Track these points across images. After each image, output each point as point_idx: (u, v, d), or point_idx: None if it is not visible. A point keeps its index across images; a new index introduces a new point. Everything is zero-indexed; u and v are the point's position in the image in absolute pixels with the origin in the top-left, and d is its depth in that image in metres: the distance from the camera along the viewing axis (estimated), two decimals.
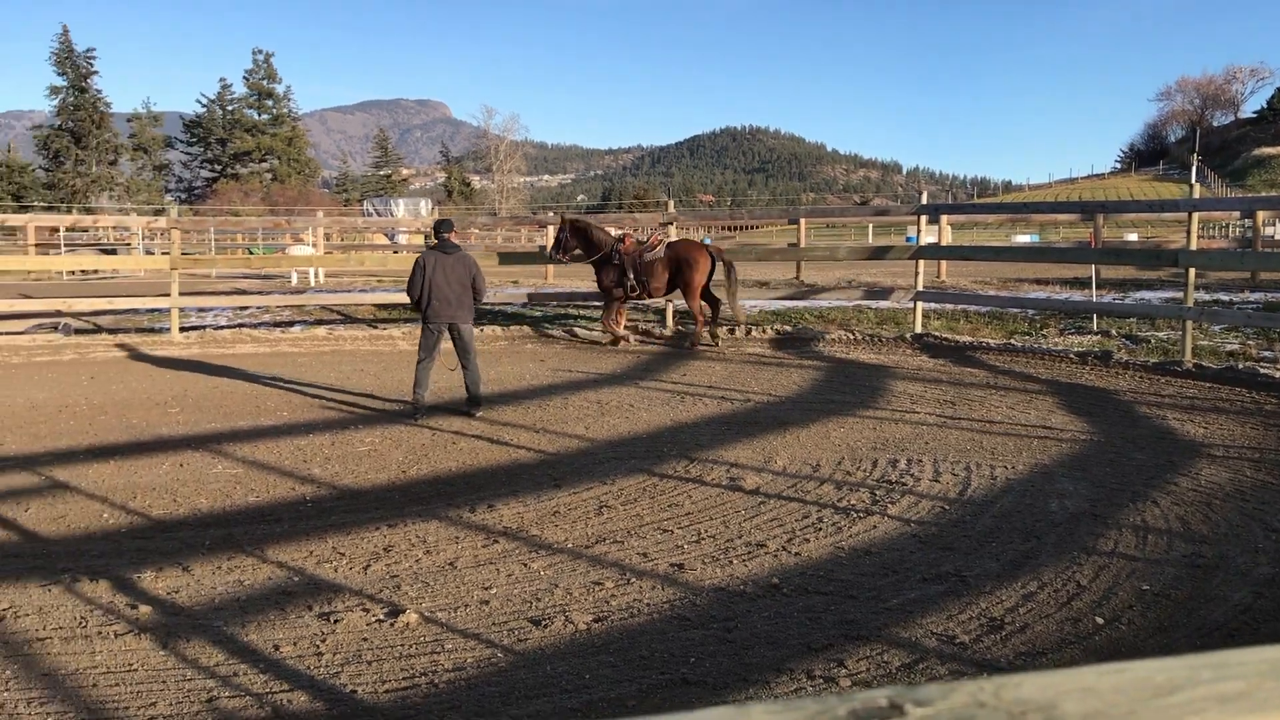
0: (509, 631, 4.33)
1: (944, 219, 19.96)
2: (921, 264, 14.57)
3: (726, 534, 5.63)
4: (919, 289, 14.37)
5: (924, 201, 15.68)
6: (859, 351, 13.21)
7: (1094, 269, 16.47)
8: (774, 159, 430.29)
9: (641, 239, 14.66)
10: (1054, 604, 4.54)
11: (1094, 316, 14.31)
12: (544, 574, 5.04)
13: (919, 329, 13.92)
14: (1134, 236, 43.59)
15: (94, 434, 8.72)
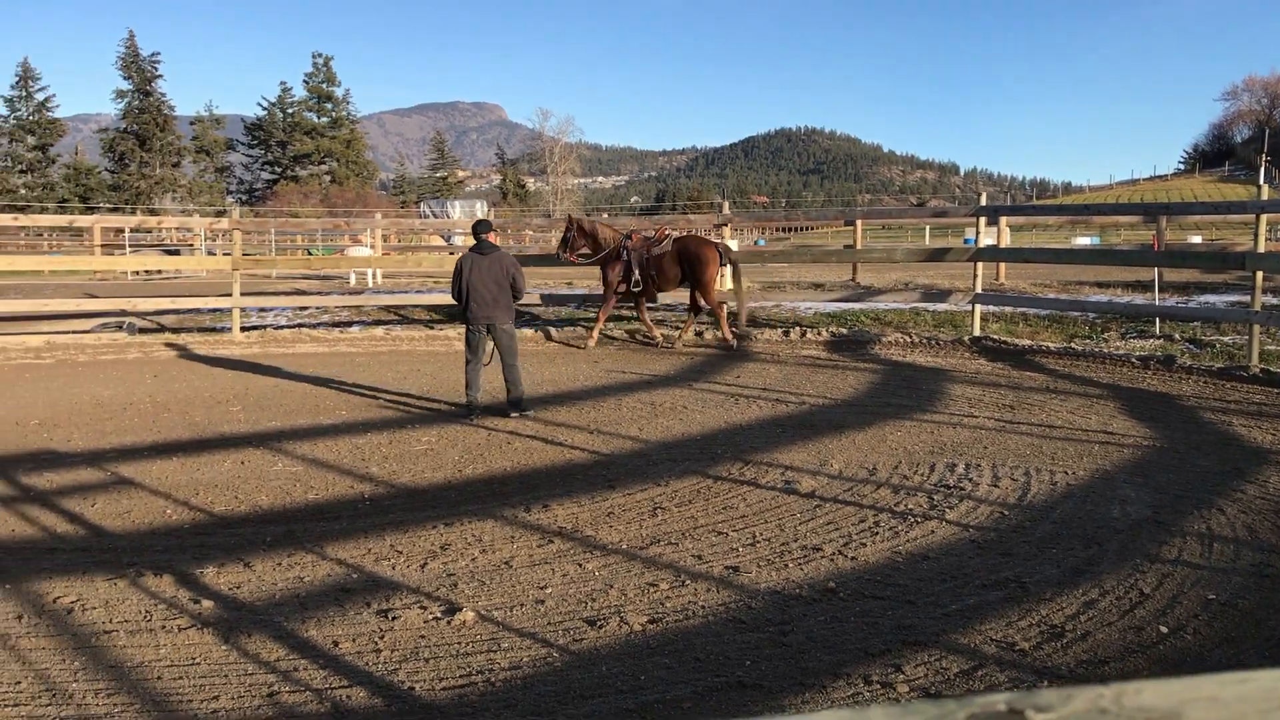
0: (564, 631, 4.35)
1: (1003, 221, 19.73)
2: (980, 266, 14.41)
3: (782, 537, 5.60)
4: (977, 291, 14.20)
5: (983, 203, 15.48)
6: (916, 354, 13.08)
7: (1157, 272, 16.15)
8: (829, 160, 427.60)
9: (649, 235, 14.60)
10: (1116, 612, 4.46)
11: (1157, 320, 14.05)
12: (599, 574, 5.06)
13: (977, 332, 13.76)
14: (1198, 239, 42.69)
15: (157, 431, 8.89)
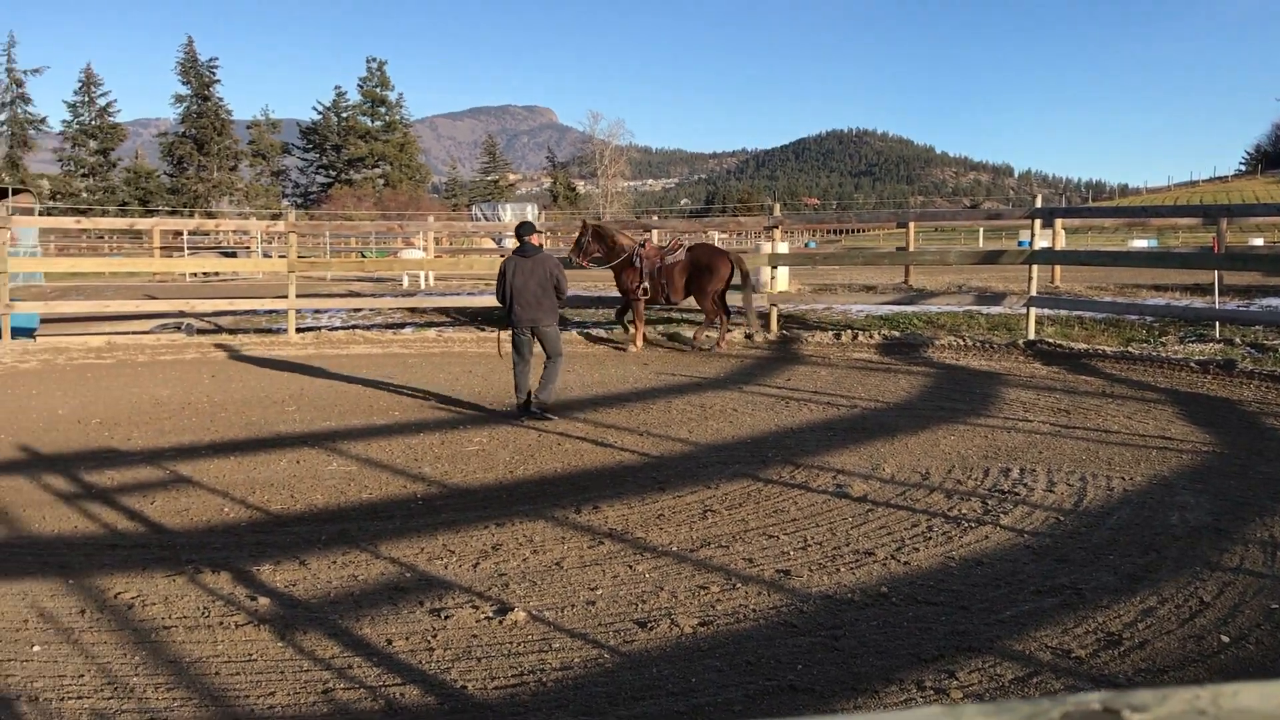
0: (615, 633, 4.36)
1: (1058, 223, 19.43)
2: (1035, 269, 14.23)
3: (833, 541, 5.58)
4: (1032, 294, 14.02)
5: (1038, 205, 15.31)
6: (969, 358, 12.95)
7: (1217, 275, 15.84)
8: (881, 162, 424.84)
9: (663, 244, 14.87)
10: (1175, 620, 4.38)
11: (1216, 324, 13.77)
12: (649, 576, 5.06)
13: (1032, 335, 13.59)
14: (1260, 242, 41.80)
15: (215, 430, 9.04)
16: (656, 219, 39.23)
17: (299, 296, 16.46)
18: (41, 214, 41.95)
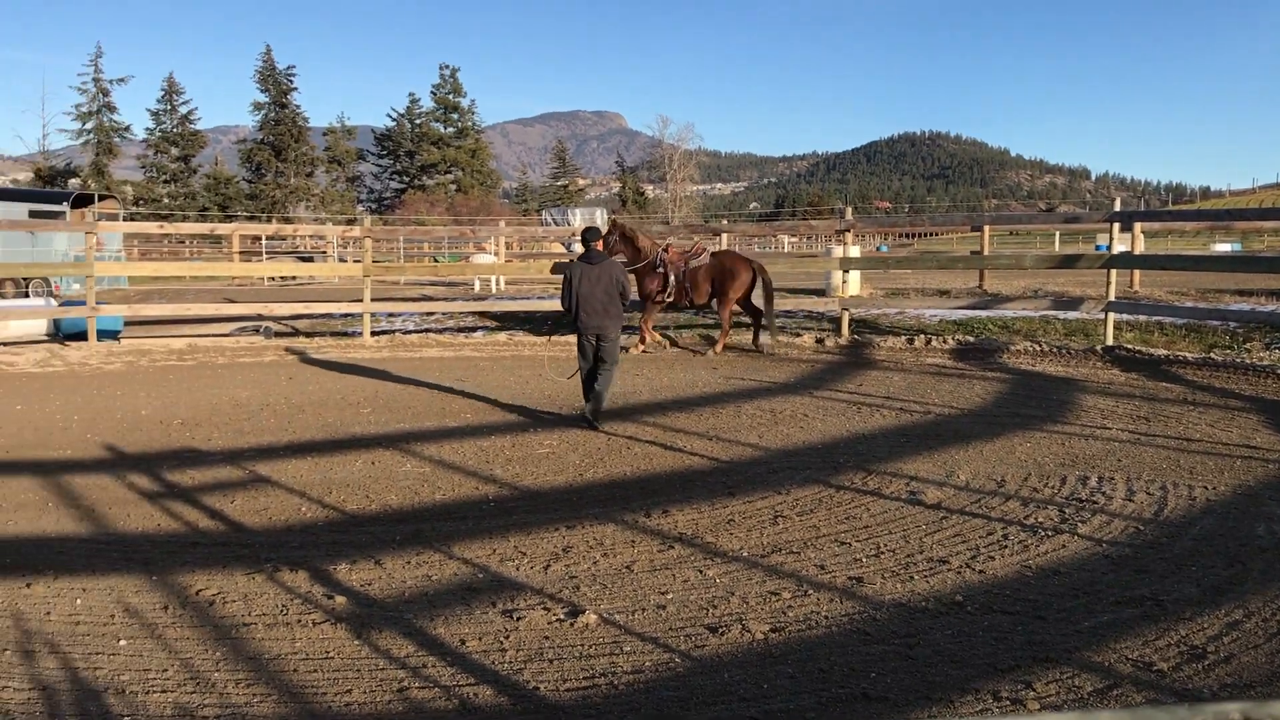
0: (686, 637, 4.35)
1: (1137, 227, 19.00)
2: (1114, 273, 13.93)
3: (907, 548, 5.51)
4: (1110, 299, 13.73)
5: (1116, 208, 14.97)
6: (1046, 364, 12.72)
7: None
8: (954, 165, 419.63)
9: (686, 248, 15.04)
10: (1262, 634, 4.26)
11: None
12: (719, 581, 5.05)
13: (1110, 341, 13.31)
14: None
15: (292, 431, 9.21)
16: (725, 223, 39.05)
17: (374, 300, 16.73)
18: (125, 219, 43.09)
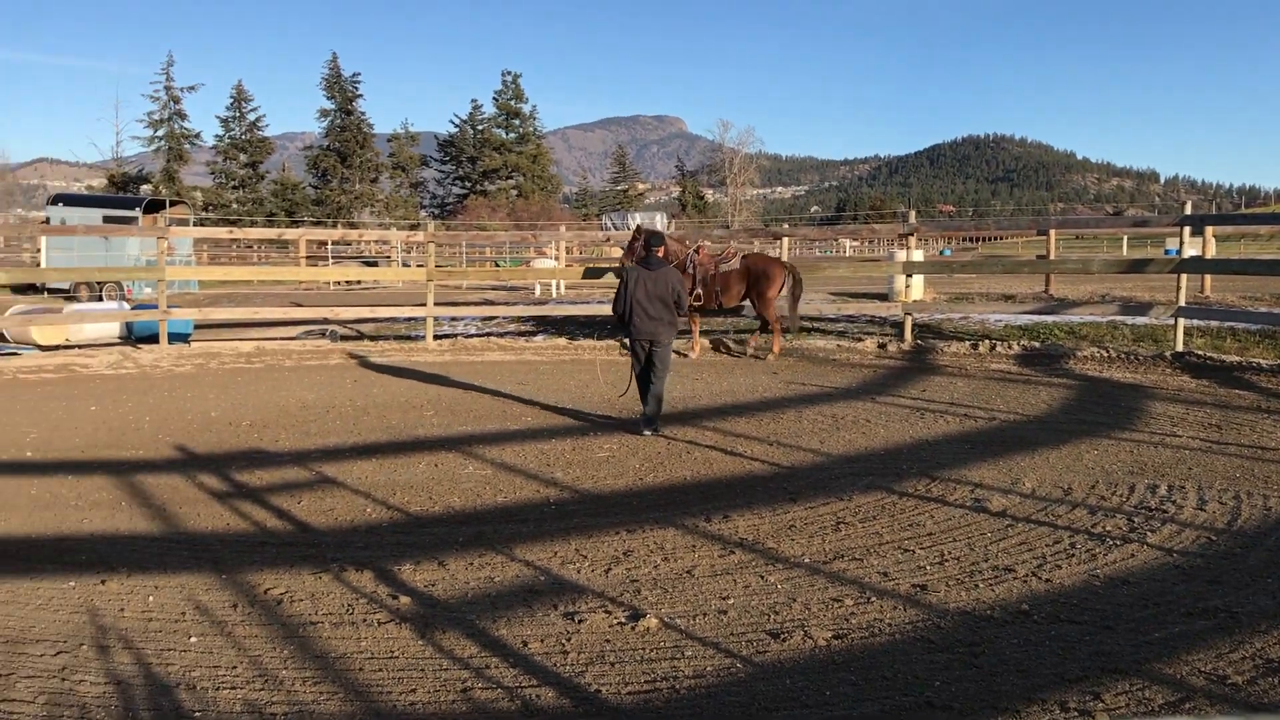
0: (747, 642, 4.34)
1: (1208, 230, 18.57)
2: (1184, 278, 13.65)
3: (971, 556, 5.44)
4: (1181, 304, 13.45)
5: (1187, 212, 14.66)
6: (1113, 370, 12.49)
7: None
8: (1019, 168, 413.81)
9: (715, 251, 15.11)
10: None
11: None
12: (781, 587, 5.03)
13: (1180, 347, 13.03)
14: None
15: (357, 433, 9.34)
16: (786, 226, 38.86)
17: (437, 304, 16.90)
18: (195, 225, 44.01)
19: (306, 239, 37.79)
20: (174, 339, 15.76)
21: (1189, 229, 14.82)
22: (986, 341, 14.44)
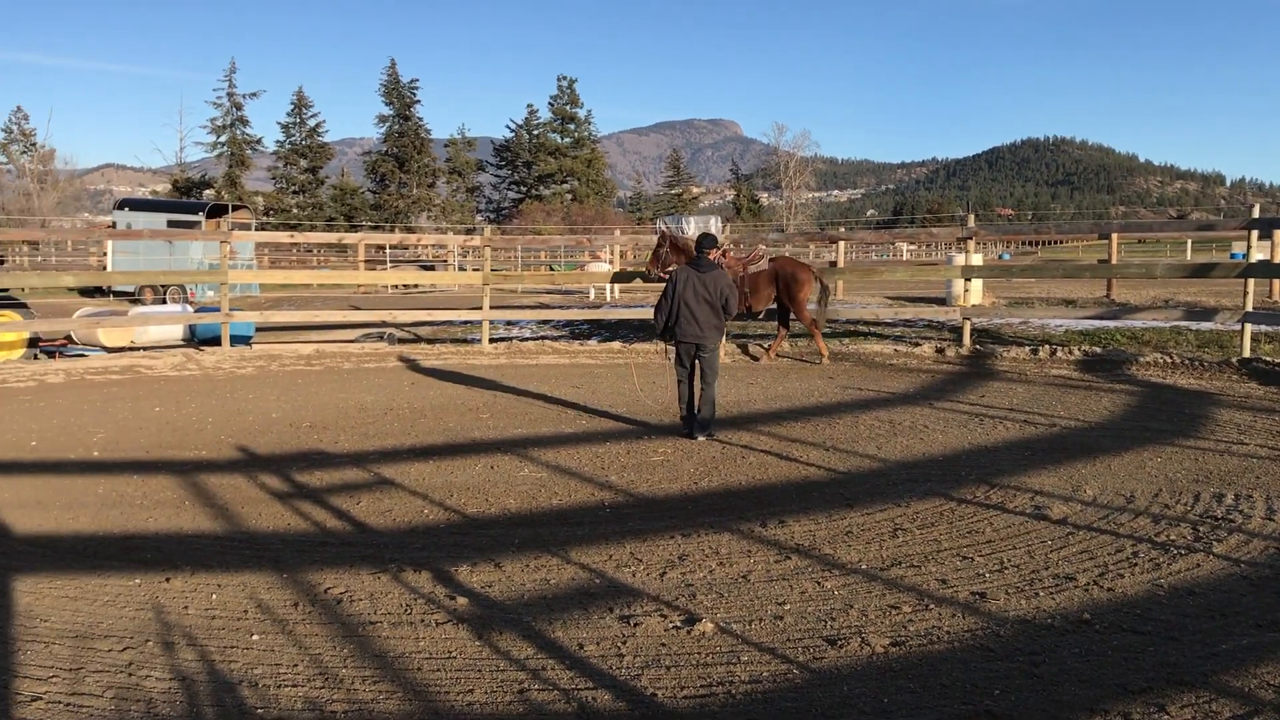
0: (803, 649, 4.32)
1: (1277, 234, 18.15)
2: (1251, 283, 13.36)
3: (1031, 564, 5.37)
4: (1247, 310, 13.16)
5: (1255, 215, 14.34)
6: (1177, 376, 12.25)
7: None
8: (1080, 171, 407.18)
9: (743, 255, 15.09)
10: None
11: None
12: (838, 593, 4.99)
13: (1247, 353, 12.75)
14: None
15: (415, 435, 9.43)
16: (843, 230, 38.58)
17: (492, 308, 17.03)
18: (257, 229, 44.73)
19: (365, 243, 38.22)
20: (236, 341, 16.03)
21: (1256, 233, 14.51)
22: (1046, 347, 14.24)
